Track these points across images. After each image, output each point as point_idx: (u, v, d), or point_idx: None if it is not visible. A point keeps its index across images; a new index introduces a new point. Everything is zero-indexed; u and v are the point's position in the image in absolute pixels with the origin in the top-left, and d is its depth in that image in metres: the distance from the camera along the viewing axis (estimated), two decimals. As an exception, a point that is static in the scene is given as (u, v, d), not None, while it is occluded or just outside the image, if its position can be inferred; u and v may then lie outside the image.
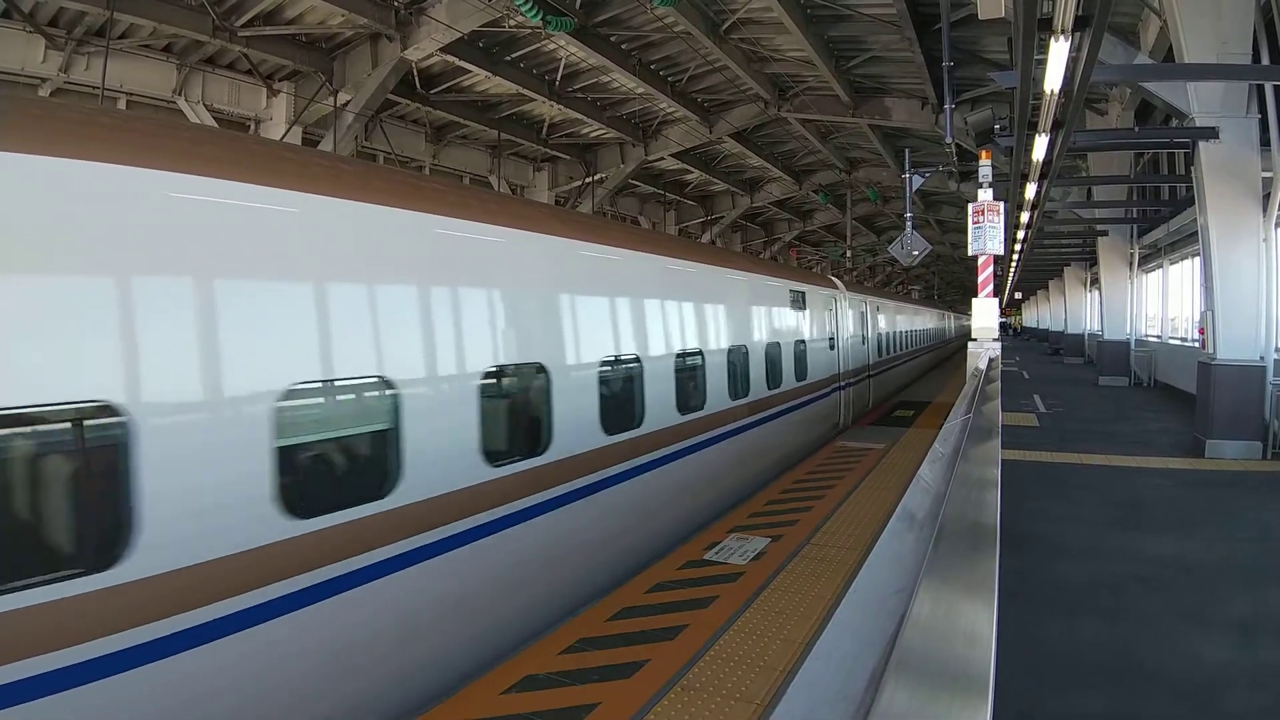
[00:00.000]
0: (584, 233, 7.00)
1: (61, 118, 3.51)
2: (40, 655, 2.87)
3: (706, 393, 8.70)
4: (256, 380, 3.71)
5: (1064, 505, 8.87)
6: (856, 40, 16.44)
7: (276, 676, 3.72)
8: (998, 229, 11.22)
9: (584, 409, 6.30)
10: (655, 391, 7.45)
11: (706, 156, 25.83)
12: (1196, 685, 4.61)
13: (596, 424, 6.41)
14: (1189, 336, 19.47)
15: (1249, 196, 10.92)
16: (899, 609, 1.55)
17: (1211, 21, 10.15)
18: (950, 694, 1.22)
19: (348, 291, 4.29)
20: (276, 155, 4.54)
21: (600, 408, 6.45)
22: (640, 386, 7.26)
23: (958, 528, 2.12)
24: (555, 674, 4.57)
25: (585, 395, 6.35)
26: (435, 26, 13.36)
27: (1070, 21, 6.25)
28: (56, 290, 3.10)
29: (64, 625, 2.96)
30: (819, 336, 13.75)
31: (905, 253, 18.69)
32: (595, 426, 6.40)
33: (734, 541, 7.16)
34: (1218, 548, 7.25)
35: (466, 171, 21.41)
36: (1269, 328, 11.30)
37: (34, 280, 3.05)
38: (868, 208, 33.90)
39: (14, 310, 2.97)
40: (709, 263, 9.87)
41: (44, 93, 13.02)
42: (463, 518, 4.76)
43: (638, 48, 16.51)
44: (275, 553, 3.66)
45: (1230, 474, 10.33)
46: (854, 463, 10.92)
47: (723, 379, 9.24)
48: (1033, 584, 6.23)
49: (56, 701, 2.90)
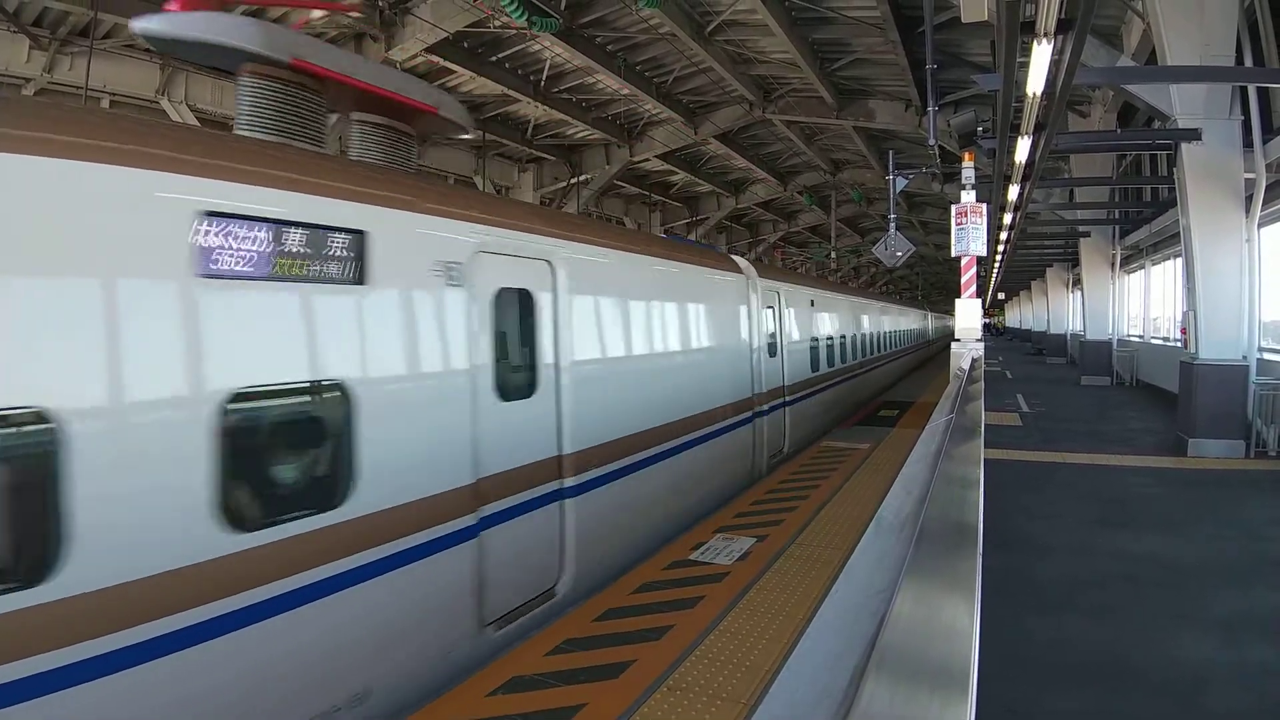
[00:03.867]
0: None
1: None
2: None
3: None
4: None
5: (1047, 504, 8.92)
6: (841, 43, 16.50)
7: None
8: (981, 230, 11.29)
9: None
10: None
11: (692, 158, 25.89)
12: (1180, 683, 4.65)
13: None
14: (1171, 336, 19.63)
15: (1231, 197, 11.01)
16: (880, 608, 1.56)
17: (1195, 24, 10.22)
18: (931, 691, 1.22)
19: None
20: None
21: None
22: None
23: (940, 527, 2.13)
24: (542, 675, 4.56)
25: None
26: (420, 27, 13.32)
27: (1053, 25, 6.29)
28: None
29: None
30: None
31: (889, 254, 18.75)
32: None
33: (720, 541, 7.17)
34: (1201, 546, 7.31)
35: (451, 172, 21.36)
36: (1251, 327, 11.41)
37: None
38: (852, 209, 34.05)
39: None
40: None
41: (28, 93, 12.93)
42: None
43: (623, 49, 16.52)
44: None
45: (1213, 473, 10.42)
46: (838, 462, 10.94)
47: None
48: (1016, 582, 6.27)
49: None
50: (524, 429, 5.59)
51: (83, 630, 2.99)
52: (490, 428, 5.12)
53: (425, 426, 4.64)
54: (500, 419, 5.25)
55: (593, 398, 6.39)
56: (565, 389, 6.02)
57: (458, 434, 4.85)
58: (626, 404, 7.03)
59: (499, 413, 5.24)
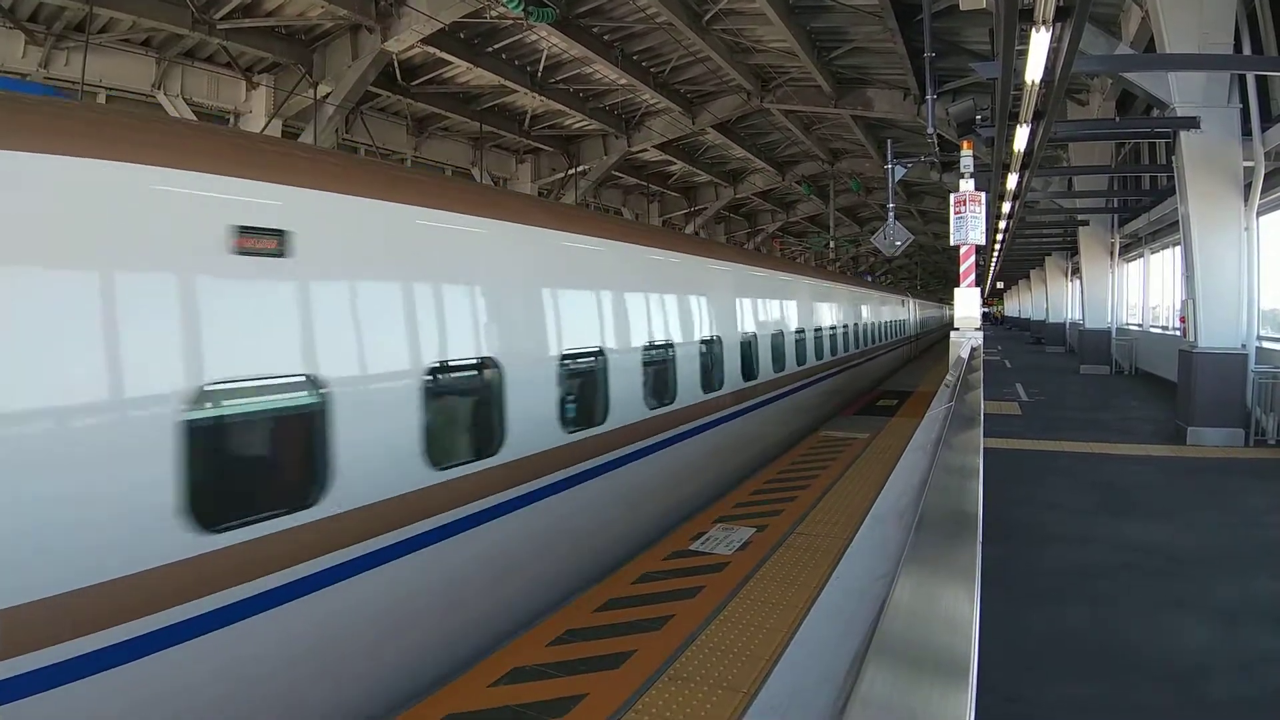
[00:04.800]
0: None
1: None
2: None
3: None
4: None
5: (1047, 492, 8.92)
6: (839, 31, 16.46)
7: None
8: (979, 219, 11.24)
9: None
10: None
11: (690, 148, 25.85)
12: (1182, 671, 4.65)
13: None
14: (1170, 325, 19.60)
15: (1230, 185, 11.00)
16: (880, 595, 1.56)
17: (1193, 11, 10.18)
18: (931, 678, 1.23)
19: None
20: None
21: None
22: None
23: (940, 515, 2.13)
24: (543, 665, 4.58)
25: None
26: (416, 18, 13.29)
27: (1051, 12, 6.26)
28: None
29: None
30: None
31: (888, 243, 18.75)
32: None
33: (719, 532, 7.18)
34: (1201, 534, 7.32)
35: (449, 164, 21.32)
36: (1250, 315, 11.41)
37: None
38: (850, 198, 34.00)
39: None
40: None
41: (21, 87, 12.89)
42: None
43: (620, 39, 16.49)
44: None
45: (1212, 461, 10.42)
46: (838, 452, 10.95)
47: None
48: (1016, 571, 6.28)
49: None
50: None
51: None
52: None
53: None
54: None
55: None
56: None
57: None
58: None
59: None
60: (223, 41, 13.79)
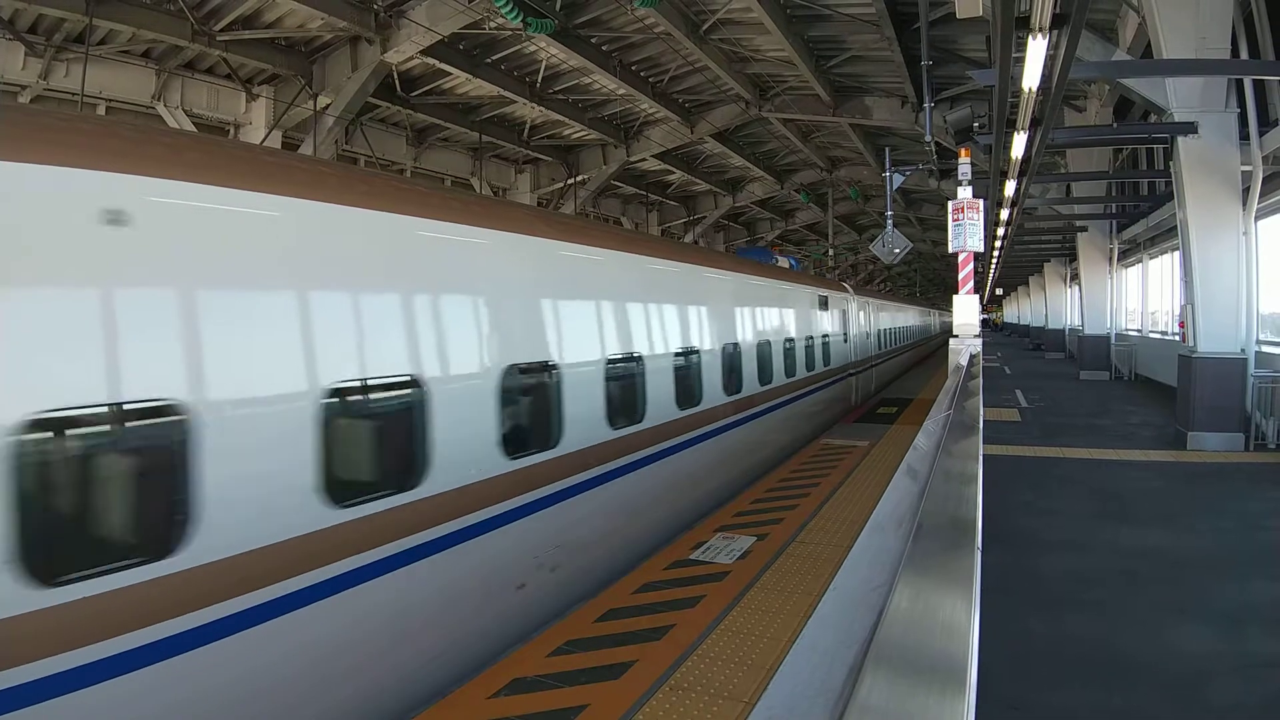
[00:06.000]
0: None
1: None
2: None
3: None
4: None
5: (1047, 499, 8.92)
6: (836, 40, 16.51)
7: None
8: (978, 226, 11.26)
9: None
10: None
11: (688, 157, 25.89)
12: (1182, 677, 4.64)
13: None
14: (1169, 330, 19.61)
15: (1228, 190, 11.01)
16: (879, 603, 1.56)
17: (1190, 17, 10.22)
18: (929, 685, 1.23)
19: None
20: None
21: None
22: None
23: (939, 523, 2.13)
24: (544, 676, 4.56)
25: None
26: (415, 29, 13.34)
27: (1048, 19, 6.28)
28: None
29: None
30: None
31: (887, 251, 18.75)
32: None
33: (720, 541, 7.17)
34: (1202, 539, 7.31)
35: (448, 174, 21.36)
36: (1249, 320, 11.41)
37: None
38: (849, 206, 34.05)
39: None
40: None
41: (24, 100, 12.92)
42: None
43: (618, 49, 16.53)
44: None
45: (1213, 465, 10.41)
46: (838, 460, 10.94)
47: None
48: (1016, 578, 6.27)
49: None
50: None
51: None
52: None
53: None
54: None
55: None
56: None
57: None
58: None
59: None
60: (223, 53, 13.86)
